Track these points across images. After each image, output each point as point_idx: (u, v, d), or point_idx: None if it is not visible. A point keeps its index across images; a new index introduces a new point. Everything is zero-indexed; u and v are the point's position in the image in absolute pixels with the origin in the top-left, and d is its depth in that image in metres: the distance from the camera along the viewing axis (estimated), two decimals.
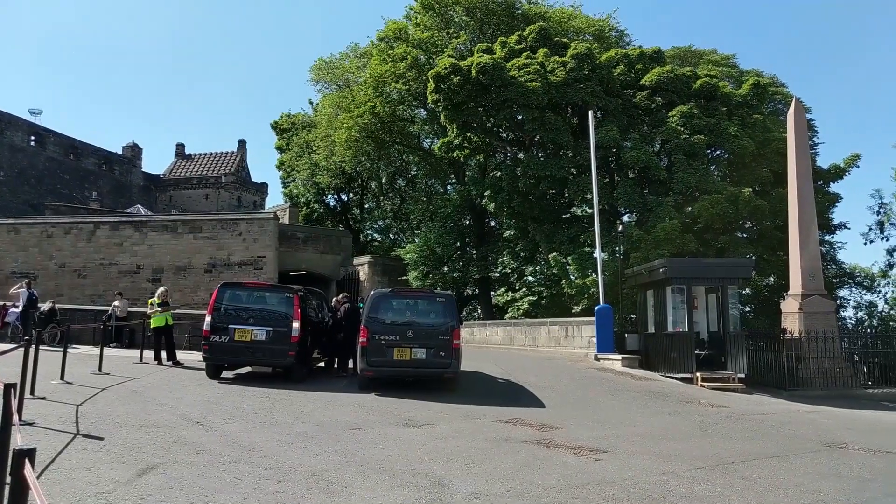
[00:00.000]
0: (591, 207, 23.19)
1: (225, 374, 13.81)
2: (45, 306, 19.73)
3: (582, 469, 7.66)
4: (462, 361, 13.46)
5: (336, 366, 15.88)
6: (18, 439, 4.22)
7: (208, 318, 13.25)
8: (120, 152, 65.38)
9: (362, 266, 36.64)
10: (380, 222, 50.20)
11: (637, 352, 19.67)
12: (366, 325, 12.97)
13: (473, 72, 27.74)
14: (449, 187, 41.94)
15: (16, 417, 4.88)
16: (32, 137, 55.60)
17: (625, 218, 29.16)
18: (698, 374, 17.02)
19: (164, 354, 15.59)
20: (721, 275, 18.45)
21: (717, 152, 29.75)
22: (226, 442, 8.10)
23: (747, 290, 31.63)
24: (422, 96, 34.69)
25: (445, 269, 34.12)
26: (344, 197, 50.08)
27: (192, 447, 7.68)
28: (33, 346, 9.87)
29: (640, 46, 33.37)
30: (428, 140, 41.75)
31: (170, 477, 6.44)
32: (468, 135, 30.21)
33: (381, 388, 12.82)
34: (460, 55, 33.14)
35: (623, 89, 28.96)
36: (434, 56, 34.96)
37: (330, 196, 49.71)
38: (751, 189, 27.26)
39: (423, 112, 39.30)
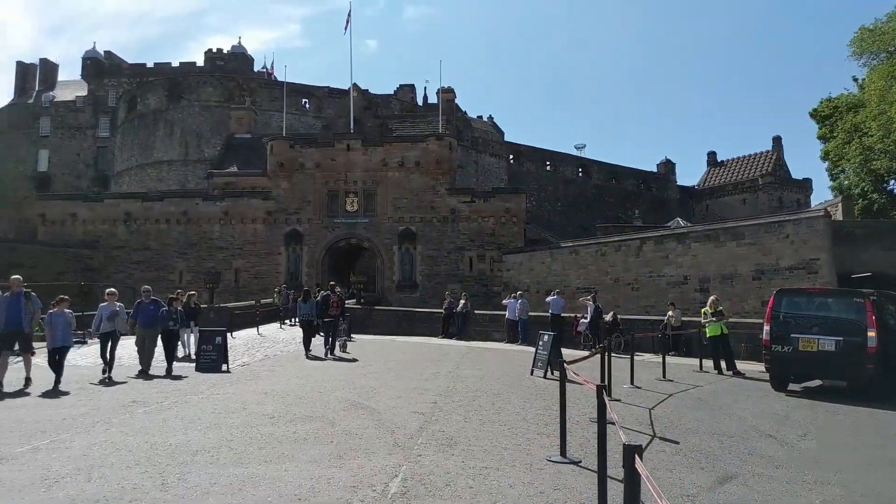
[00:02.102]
0: None
1: (791, 386, 12.90)
2: (608, 317, 22.14)
3: None
4: None
5: None
6: (622, 436, 4.73)
7: (766, 328, 12.70)
8: (654, 170, 69.83)
9: None
10: None
11: None
12: None
13: None
14: None
15: (613, 416, 5.50)
16: (580, 169, 65.21)
17: None
18: None
19: (722, 364, 15.57)
20: None
21: None
22: (805, 459, 7.50)
23: None
24: None
25: None
26: None
27: (769, 461, 7.34)
28: (606, 354, 11.15)
29: None
30: None
31: (751, 489, 6.28)
32: None
33: None
34: None
35: None
36: None
37: (893, 182, 42.10)
38: None
39: None
